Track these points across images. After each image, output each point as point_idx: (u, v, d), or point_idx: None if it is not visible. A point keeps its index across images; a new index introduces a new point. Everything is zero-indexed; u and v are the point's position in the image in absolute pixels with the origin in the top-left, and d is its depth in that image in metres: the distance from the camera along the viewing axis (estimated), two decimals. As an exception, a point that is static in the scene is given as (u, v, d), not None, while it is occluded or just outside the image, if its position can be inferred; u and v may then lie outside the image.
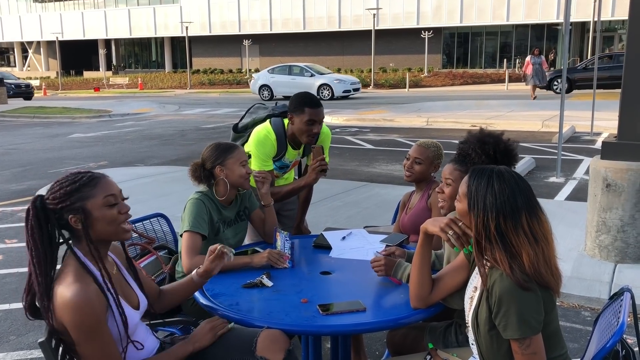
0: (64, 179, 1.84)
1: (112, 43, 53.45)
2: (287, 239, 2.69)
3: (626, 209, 4.26)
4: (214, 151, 2.81)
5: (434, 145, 3.13)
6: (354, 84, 25.09)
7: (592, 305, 3.95)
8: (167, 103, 24.07)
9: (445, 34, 40.57)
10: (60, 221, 1.80)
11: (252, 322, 2.11)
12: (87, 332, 1.74)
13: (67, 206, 1.78)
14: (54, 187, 1.82)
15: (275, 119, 3.28)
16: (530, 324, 1.72)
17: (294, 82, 24.33)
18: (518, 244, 1.75)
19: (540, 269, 1.73)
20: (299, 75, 25.00)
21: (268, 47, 45.20)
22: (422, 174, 3.09)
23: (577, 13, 30.73)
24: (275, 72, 25.33)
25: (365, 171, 8.80)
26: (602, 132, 11.76)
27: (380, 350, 3.41)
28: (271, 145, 3.21)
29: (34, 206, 1.78)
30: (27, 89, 29.92)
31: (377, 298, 2.27)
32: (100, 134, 14.62)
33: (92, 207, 1.81)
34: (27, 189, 8.05)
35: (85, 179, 1.83)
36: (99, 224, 1.82)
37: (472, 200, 1.82)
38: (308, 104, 3.12)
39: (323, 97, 23.80)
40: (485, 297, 1.80)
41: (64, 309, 1.73)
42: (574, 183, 7.72)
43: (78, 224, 1.79)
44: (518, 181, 1.82)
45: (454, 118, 14.59)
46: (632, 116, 4.33)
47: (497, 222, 1.77)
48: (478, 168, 1.89)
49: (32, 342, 3.56)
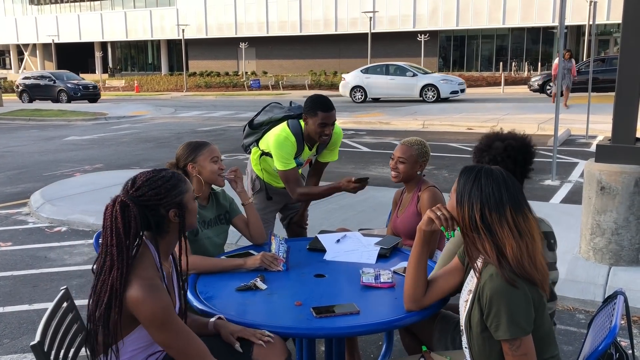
0: (153, 178, 1.91)
1: (109, 45, 53.38)
2: (282, 243, 2.69)
3: (620, 212, 4.27)
4: (185, 149, 2.89)
5: (418, 144, 3.10)
6: (461, 85, 22.50)
7: (586, 307, 3.95)
8: (163, 106, 24.05)
9: (442, 37, 40.67)
10: (155, 217, 1.89)
11: (246, 325, 2.10)
12: (159, 322, 1.77)
13: (166, 201, 1.90)
14: (142, 186, 1.88)
15: (293, 121, 3.44)
16: (520, 325, 1.73)
17: (393, 82, 22.42)
18: (502, 236, 1.80)
19: (523, 262, 1.77)
20: (398, 75, 22.64)
21: (264, 50, 45.22)
22: (408, 174, 3.08)
23: (573, 16, 30.86)
24: (370, 72, 23.06)
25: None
26: (597, 135, 11.79)
27: (375, 353, 3.40)
28: (292, 146, 3.37)
29: (127, 201, 1.83)
30: (94, 90, 28.11)
31: (370, 300, 2.26)
32: (96, 136, 14.60)
33: (187, 200, 1.96)
34: (22, 191, 8.02)
35: (177, 175, 1.97)
36: (190, 215, 1.98)
37: (459, 194, 1.89)
38: (321, 107, 3.28)
39: (427, 98, 21.60)
40: (477, 299, 1.82)
41: (139, 302, 1.76)
42: (569, 186, 7.74)
43: (176, 217, 1.92)
44: (506, 179, 1.87)
45: (450, 121, 14.62)
46: (625, 119, 4.35)
47: (482, 213, 1.82)
48: (469, 166, 1.94)
49: (26, 345, 3.54)
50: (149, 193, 1.88)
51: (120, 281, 1.77)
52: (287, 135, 3.36)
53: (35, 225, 6.36)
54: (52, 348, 1.95)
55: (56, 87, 27.68)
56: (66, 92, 27.32)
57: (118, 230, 1.81)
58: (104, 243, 1.83)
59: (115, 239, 1.81)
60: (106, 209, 1.86)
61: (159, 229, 1.92)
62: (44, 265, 5.05)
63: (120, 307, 1.76)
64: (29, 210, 6.96)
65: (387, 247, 2.83)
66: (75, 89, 27.37)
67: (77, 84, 27.86)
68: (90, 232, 5.95)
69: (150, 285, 1.79)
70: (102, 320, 1.78)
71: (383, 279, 2.39)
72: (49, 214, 6.58)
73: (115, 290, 1.76)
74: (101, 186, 7.73)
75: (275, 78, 35.23)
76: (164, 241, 1.95)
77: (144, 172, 1.96)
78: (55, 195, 7.24)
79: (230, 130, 15.38)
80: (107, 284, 1.78)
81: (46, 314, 1.98)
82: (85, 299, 4.22)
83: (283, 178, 3.40)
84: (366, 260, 2.71)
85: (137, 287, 1.77)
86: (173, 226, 1.94)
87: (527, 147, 2.47)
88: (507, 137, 2.49)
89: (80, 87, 27.59)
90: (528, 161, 2.46)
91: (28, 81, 28.78)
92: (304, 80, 33.93)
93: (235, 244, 4.74)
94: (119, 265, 1.79)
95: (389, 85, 22.49)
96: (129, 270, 1.80)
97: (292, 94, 29.65)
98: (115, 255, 1.79)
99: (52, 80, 27.98)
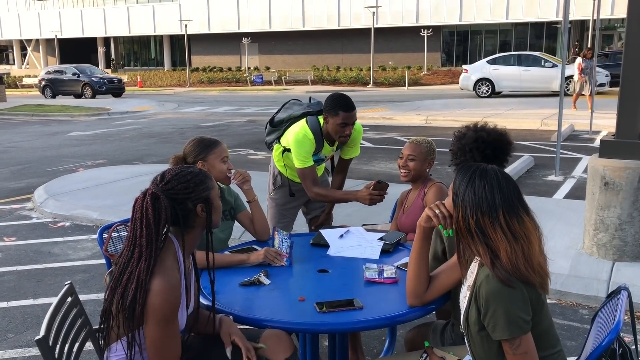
0: (182, 173, 1.96)
1: (111, 41, 53.37)
2: (285, 238, 2.70)
3: (624, 207, 4.26)
4: (196, 146, 2.89)
5: (426, 142, 3.13)
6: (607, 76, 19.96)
7: (590, 303, 3.95)
8: (166, 101, 24.06)
9: (445, 32, 40.55)
10: (183, 211, 1.92)
11: (250, 320, 2.11)
12: (162, 317, 1.78)
13: (194, 196, 1.93)
14: (172, 180, 1.93)
15: (312, 118, 3.43)
16: (518, 324, 1.72)
17: (527, 74, 20.20)
18: (496, 239, 1.78)
19: (519, 265, 1.75)
20: (533, 65, 20.37)
21: (267, 45, 45.16)
22: (418, 171, 3.09)
23: (577, 11, 30.70)
24: (498, 63, 20.84)
25: (365, 169, 8.80)
26: (601, 131, 11.75)
27: (378, 348, 3.41)
28: (310, 144, 3.37)
29: (158, 193, 1.87)
30: (119, 84, 27.22)
31: (374, 296, 2.27)
32: (99, 132, 14.61)
33: (214, 197, 2.00)
34: (25, 187, 8.04)
35: (203, 172, 2.01)
36: (215, 212, 2.02)
37: (454, 196, 1.88)
38: (342, 107, 3.26)
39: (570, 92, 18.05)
40: (474, 298, 1.81)
41: (154, 292, 1.78)
42: (573, 181, 7.73)
43: (203, 212, 1.96)
44: (500, 180, 1.84)
45: (453, 117, 14.59)
46: (630, 115, 4.34)
47: (476, 217, 1.81)
48: (466, 165, 1.93)
49: (30, 340, 3.56)
50: (178, 187, 1.91)
51: (147, 272, 1.80)
52: (305, 133, 3.36)
53: (39, 221, 6.38)
54: (57, 342, 1.96)
55: (80, 81, 26.87)
56: (91, 86, 26.53)
57: (149, 221, 1.83)
58: (132, 235, 1.85)
59: (146, 230, 1.83)
60: (136, 201, 1.88)
61: (186, 223, 1.95)
62: (48, 260, 5.06)
63: (144, 298, 1.78)
64: (33, 205, 6.98)
65: (391, 242, 2.83)
66: (100, 83, 26.51)
67: (102, 77, 27.14)
68: (94, 227, 5.97)
69: (170, 279, 1.81)
70: (129, 311, 1.79)
71: (386, 274, 2.39)
72: (53, 209, 6.60)
73: (142, 281, 1.79)
74: (104, 181, 7.75)
75: (278, 73, 35.18)
76: (189, 237, 1.97)
77: (172, 168, 2.00)
78: (58, 191, 7.26)
79: (233, 125, 15.38)
80: (135, 275, 1.80)
81: (51, 309, 1.99)
82: (89, 293, 4.25)
83: (300, 175, 3.41)
84: (369, 256, 2.71)
85: (158, 279, 1.79)
86: (199, 221, 1.98)
87: (500, 142, 2.48)
88: (482, 129, 2.52)
89: (105, 81, 26.80)
90: (497, 157, 2.48)
91: (51, 75, 27.97)
92: (306, 76, 33.89)
93: (238, 239, 4.75)
94: (147, 256, 1.81)
95: (523, 77, 20.23)
96: (156, 263, 1.82)
97: (295, 89, 29.63)
98: (145, 247, 1.82)
99: (76, 74, 27.12)
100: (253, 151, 10.84)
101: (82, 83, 26.87)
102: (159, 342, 1.81)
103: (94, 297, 4.22)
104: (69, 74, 27.45)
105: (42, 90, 28.08)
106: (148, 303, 1.78)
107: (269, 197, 3.79)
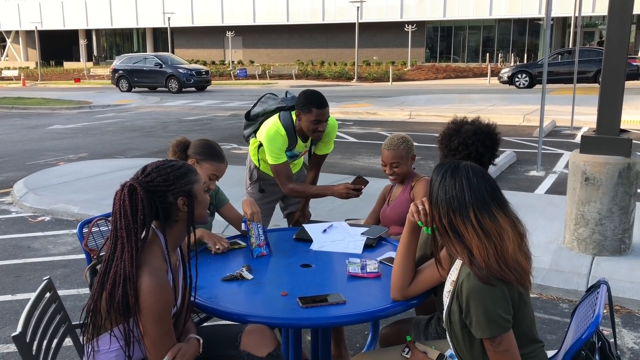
0: (163, 166, 1.92)
1: (93, 33, 52.69)
2: (259, 226, 2.73)
3: (604, 203, 4.32)
4: (203, 147, 2.89)
5: (402, 141, 3.09)
6: None
7: (570, 297, 4.00)
8: (149, 95, 23.81)
9: (429, 27, 40.70)
10: (163, 204, 1.89)
11: (232, 315, 2.10)
12: (157, 315, 1.78)
13: (175, 189, 1.90)
14: (151, 172, 1.89)
15: (284, 114, 3.40)
16: (498, 323, 1.72)
17: None
18: (468, 237, 1.77)
19: (491, 263, 1.73)
20: None
21: (251, 38, 44.94)
22: (405, 172, 3.14)
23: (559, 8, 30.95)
24: None
25: (348, 164, 8.79)
26: (582, 127, 11.89)
27: (360, 343, 3.41)
28: (282, 141, 3.34)
29: (135, 185, 1.84)
30: (206, 76, 23.96)
31: (357, 290, 2.26)
32: (80, 125, 14.43)
33: (197, 191, 1.95)
34: (5, 180, 7.91)
35: (188, 166, 1.97)
36: (199, 206, 1.97)
37: (430, 195, 1.88)
38: (315, 104, 3.23)
39: None
40: (456, 295, 1.82)
41: (146, 291, 1.77)
42: (554, 177, 7.81)
43: (184, 206, 1.92)
44: (471, 177, 1.82)
45: (437, 112, 14.66)
46: (610, 111, 4.38)
47: (448, 216, 1.81)
48: (440, 163, 1.93)
49: (8, 336, 3.50)
50: (157, 179, 1.89)
51: (132, 264, 1.78)
52: (277, 129, 3.33)
53: (18, 215, 6.28)
54: (35, 339, 1.93)
55: (164, 73, 23.72)
56: (177, 79, 23.48)
57: (126, 212, 1.82)
58: (114, 228, 1.84)
59: (124, 222, 1.82)
60: (115, 194, 1.86)
61: (167, 217, 1.92)
62: (28, 255, 4.99)
63: (135, 292, 1.77)
64: (12, 199, 6.87)
65: (374, 237, 2.83)
66: (187, 75, 23.38)
67: (188, 68, 23.78)
68: (74, 222, 5.89)
69: (160, 276, 1.81)
70: (121, 306, 1.77)
71: (369, 269, 2.39)
72: (33, 203, 6.50)
73: (129, 274, 1.78)
74: (85, 175, 7.65)
75: (262, 67, 35.02)
76: (172, 231, 1.95)
77: (155, 161, 1.97)
78: (38, 185, 7.16)
79: (216, 119, 15.28)
80: (121, 268, 1.79)
81: (28, 305, 1.96)
82: (70, 288, 4.20)
83: (274, 171, 3.39)
84: (352, 250, 2.71)
85: (147, 276, 1.79)
86: (182, 216, 1.94)
87: (494, 133, 2.54)
88: (475, 121, 2.56)
89: (193, 73, 23.60)
90: (495, 147, 2.53)
91: (128, 66, 24.59)
92: (291, 70, 33.77)
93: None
94: (129, 248, 1.80)
95: None
96: (139, 255, 1.81)
97: (279, 83, 29.52)
98: (125, 238, 1.81)
99: (158, 64, 23.83)
100: (237, 145, 10.79)
101: (167, 75, 23.71)
102: (157, 339, 1.82)
103: (74, 292, 4.17)
104: (150, 65, 24.13)
105: (117, 82, 24.86)
106: (141, 303, 1.77)
107: (246, 191, 3.78)
